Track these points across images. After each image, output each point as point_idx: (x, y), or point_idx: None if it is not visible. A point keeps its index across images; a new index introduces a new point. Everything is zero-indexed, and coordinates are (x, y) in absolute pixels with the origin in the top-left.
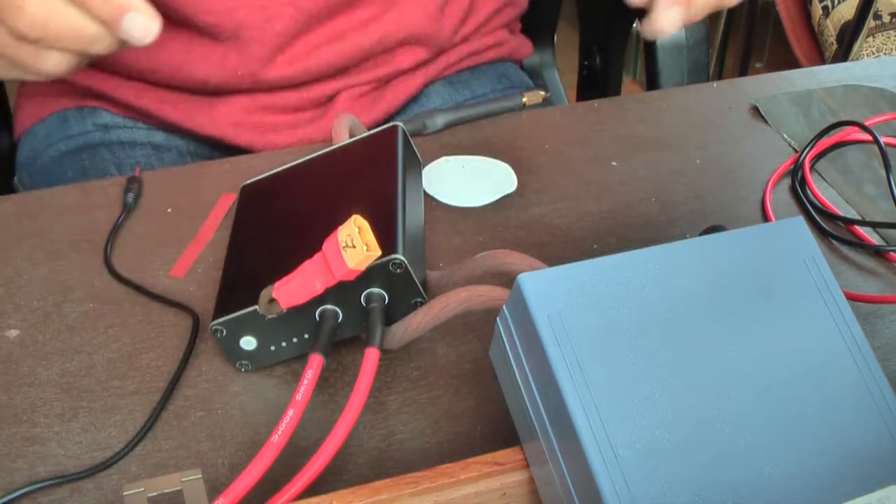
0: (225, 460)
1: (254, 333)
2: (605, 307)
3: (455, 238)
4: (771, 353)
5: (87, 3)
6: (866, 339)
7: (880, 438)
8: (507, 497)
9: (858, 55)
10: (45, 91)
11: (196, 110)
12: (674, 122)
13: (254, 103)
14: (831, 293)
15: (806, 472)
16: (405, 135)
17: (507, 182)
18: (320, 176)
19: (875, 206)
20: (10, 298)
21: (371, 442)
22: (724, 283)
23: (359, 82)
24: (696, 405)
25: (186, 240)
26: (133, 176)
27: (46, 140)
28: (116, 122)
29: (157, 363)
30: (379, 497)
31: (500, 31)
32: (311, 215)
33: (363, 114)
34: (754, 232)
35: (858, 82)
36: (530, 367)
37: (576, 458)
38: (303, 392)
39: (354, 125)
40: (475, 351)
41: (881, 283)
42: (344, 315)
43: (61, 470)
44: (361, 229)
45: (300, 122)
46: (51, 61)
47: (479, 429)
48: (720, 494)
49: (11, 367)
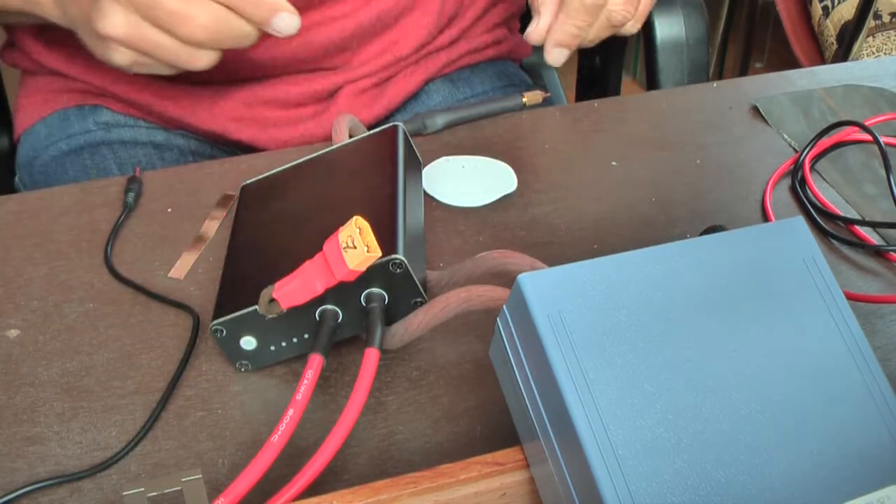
0: (225, 460)
1: (254, 333)
2: (605, 307)
3: (455, 238)
4: (771, 353)
5: (247, 11)
6: (866, 339)
7: (880, 438)
8: (507, 497)
9: (858, 55)
10: (45, 90)
11: (196, 105)
12: (674, 122)
13: (255, 97)
14: (831, 293)
15: (806, 472)
16: (405, 135)
17: (508, 182)
18: (320, 176)
19: (875, 205)
20: (10, 298)
21: (371, 442)
22: (724, 283)
23: (360, 76)
24: (696, 405)
25: (186, 240)
26: (133, 175)
27: (47, 139)
28: (118, 121)
29: (157, 363)
30: (379, 497)
31: (498, 30)
32: (311, 215)
33: (364, 110)
34: (754, 232)
35: (858, 82)
36: (530, 367)
37: (576, 457)
38: (303, 392)
39: (354, 125)
40: (475, 351)
41: (881, 283)
42: (344, 315)
43: (61, 470)
44: (362, 230)
45: (301, 118)
46: (204, 58)
47: (479, 429)
48: (720, 494)
49: (11, 367)
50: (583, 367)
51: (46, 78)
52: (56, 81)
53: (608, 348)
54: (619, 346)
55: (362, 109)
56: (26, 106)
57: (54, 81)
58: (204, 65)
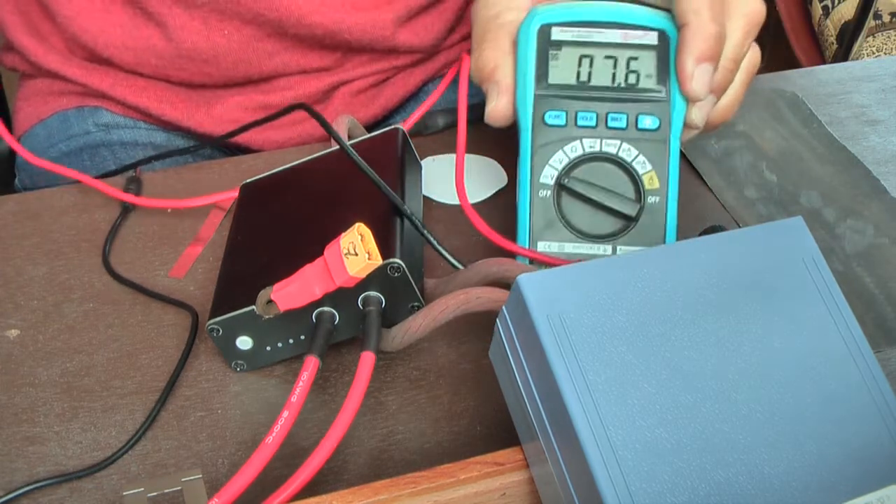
0: (225, 460)
1: (250, 333)
2: (605, 307)
3: (455, 238)
4: (771, 353)
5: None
6: (866, 339)
7: (880, 438)
8: (506, 497)
9: (858, 55)
10: (44, 92)
11: (194, 108)
12: None
13: (251, 101)
14: (831, 293)
15: (806, 472)
16: (405, 137)
17: (498, 177)
18: (320, 177)
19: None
20: (10, 298)
21: (371, 442)
22: (724, 284)
23: (356, 76)
24: (695, 405)
25: (186, 240)
26: (133, 175)
27: (47, 141)
28: (117, 122)
29: (156, 363)
30: (379, 497)
31: None
32: (309, 216)
33: (361, 110)
34: (754, 232)
35: (858, 82)
36: (530, 367)
37: (575, 458)
38: (298, 394)
39: (353, 126)
40: (475, 351)
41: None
42: (341, 317)
43: (61, 470)
44: (364, 237)
45: (299, 118)
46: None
47: (479, 429)
48: (720, 494)
49: (11, 367)
50: (582, 368)
51: (45, 80)
52: (55, 84)
53: (608, 349)
54: (619, 347)
55: (358, 110)
56: (25, 108)
57: (53, 84)
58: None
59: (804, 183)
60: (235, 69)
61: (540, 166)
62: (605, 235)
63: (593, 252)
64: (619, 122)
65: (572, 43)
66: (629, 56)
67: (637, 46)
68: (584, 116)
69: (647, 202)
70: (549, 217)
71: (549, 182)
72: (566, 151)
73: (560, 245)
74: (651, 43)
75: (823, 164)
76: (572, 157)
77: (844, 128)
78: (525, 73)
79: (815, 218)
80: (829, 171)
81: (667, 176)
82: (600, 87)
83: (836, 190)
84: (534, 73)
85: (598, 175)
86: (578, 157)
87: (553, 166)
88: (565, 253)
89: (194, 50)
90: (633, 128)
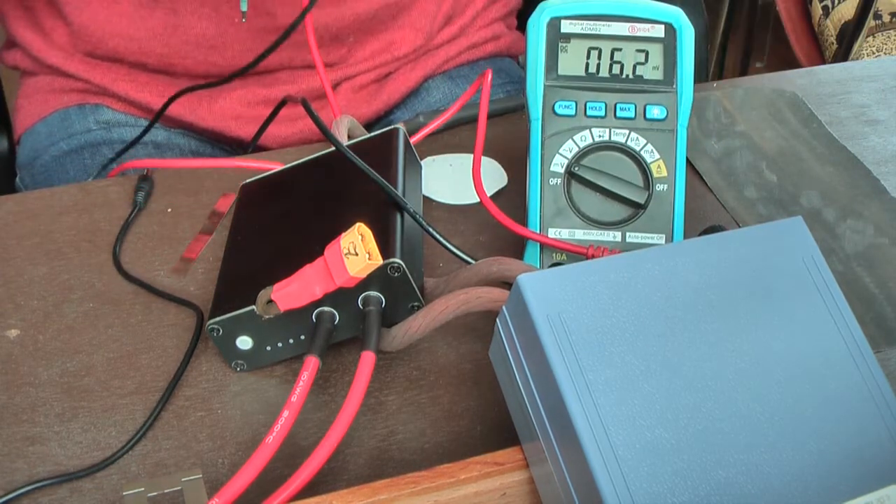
0: (225, 460)
1: (250, 333)
2: (605, 307)
3: (455, 238)
4: (771, 353)
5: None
6: (866, 339)
7: (880, 438)
8: (506, 497)
9: (858, 55)
10: (45, 90)
11: (197, 104)
12: None
13: (254, 96)
14: (831, 293)
15: (806, 472)
16: (405, 137)
17: (498, 176)
18: (320, 176)
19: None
20: (10, 298)
21: (371, 442)
22: (724, 283)
23: (358, 72)
24: (695, 405)
25: (187, 239)
26: (145, 175)
27: (48, 139)
28: (119, 120)
29: (157, 363)
30: (379, 497)
31: (496, 24)
32: (309, 216)
33: (363, 106)
34: (754, 232)
35: (858, 82)
36: (530, 367)
37: (575, 457)
38: (298, 394)
39: (353, 126)
40: (475, 351)
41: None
42: (341, 317)
43: (61, 470)
44: (364, 237)
45: (300, 114)
46: None
47: (479, 429)
48: (720, 494)
49: (11, 367)
50: (582, 368)
51: (47, 78)
52: (56, 81)
53: (608, 348)
54: (619, 347)
55: (361, 105)
56: (26, 106)
57: (55, 81)
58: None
59: (804, 183)
60: (242, 58)
61: (550, 155)
62: (615, 222)
63: (603, 239)
64: (627, 112)
65: (581, 35)
66: (636, 48)
67: (644, 39)
68: (593, 106)
69: (655, 190)
70: (560, 205)
71: (560, 170)
72: (576, 140)
73: (570, 232)
74: (658, 35)
75: (823, 164)
76: (582, 146)
77: (844, 128)
78: (535, 65)
79: (815, 218)
80: (829, 171)
81: (674, 165)
82: (608, 77)
83: (836, 190)
84: (543, 65)
85: (607, 163)
86: (588, 146)
87: (563, 155)
88: (576, 239)
89: (203, 36)
90: (642, 118)
